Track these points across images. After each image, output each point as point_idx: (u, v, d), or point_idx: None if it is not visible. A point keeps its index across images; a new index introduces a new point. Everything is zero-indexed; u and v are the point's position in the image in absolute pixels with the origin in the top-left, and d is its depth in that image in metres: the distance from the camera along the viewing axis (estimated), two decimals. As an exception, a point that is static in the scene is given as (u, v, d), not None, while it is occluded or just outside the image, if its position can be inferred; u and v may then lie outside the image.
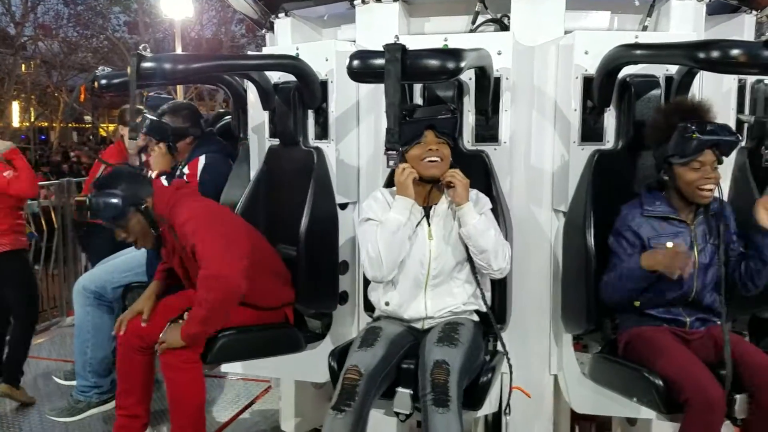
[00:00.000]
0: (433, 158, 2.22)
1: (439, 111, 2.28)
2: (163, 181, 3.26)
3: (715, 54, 1.95)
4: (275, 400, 3.42)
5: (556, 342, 2.59)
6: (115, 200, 2.48)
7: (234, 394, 3.68)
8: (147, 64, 2.26)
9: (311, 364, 2.61)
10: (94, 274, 3.44)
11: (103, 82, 2.74)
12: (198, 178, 3.14)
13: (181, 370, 2.40)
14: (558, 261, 2.56)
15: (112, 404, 3.40)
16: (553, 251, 2.60)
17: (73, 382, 3.50)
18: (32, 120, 23.05)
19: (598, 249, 2.33)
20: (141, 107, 3.48)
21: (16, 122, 22.26)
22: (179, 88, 14.94)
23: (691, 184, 2.18)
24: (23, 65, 20.63)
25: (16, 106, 21.94)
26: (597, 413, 2.60)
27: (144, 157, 3.59)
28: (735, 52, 1.94)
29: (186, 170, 3.21)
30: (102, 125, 23.34)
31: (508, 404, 2.30)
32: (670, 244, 2.17)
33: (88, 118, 22.95)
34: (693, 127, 2.15)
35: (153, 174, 3.30)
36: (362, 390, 2.00)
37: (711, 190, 2.18)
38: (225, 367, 2.71)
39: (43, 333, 4.90)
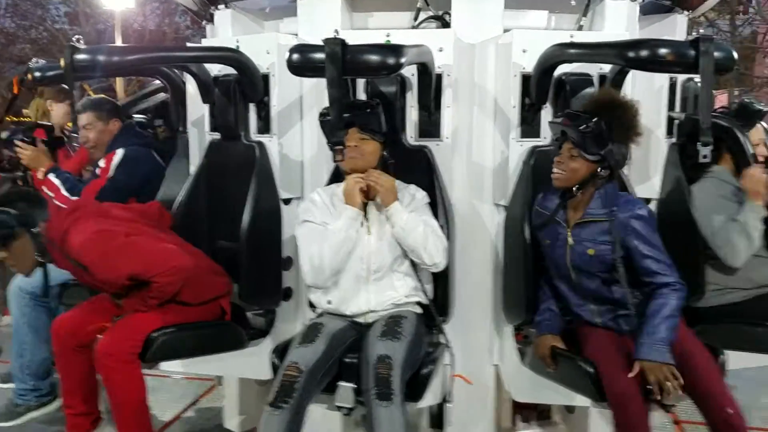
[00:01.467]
0: (351, 155, 2.24)
1: (359, 107, 2.27)
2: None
3: (644, 53, 2.02)
4: (220, 399, 3.37)
5: (498, 333, 2.64)
6: (5, 218, 2.44)
7: (178, 394, 3.61)
8: (81, 56, 2.20)
9: (254, 361, 2.58)
10: None
11: (37, 74, 2.64)
12: (111, 173, 3.05)
13: (116, 371, 2.35)
14: (499, 254, 2.61)
15: (51, 407, 3.30)
16: (494, 244, 2.65)
17: (11, 385, 3.36)
18: (-35, 113, 21.95)
19: (536, 242, 2.39)
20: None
21: (-53, 115, 21.16)
22: (119, 81, 14.49)
23: None
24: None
25: (-53, 98, 20.84)
26: (536, 402, 2.67)
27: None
28: (663, 51, 2.01)
29: (102, 163, 3.11)
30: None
31: (450, 392, 2.33)
32: None
33: (27, 111, 21.97)
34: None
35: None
36: (301, 386, 2.00)
37: (556, 174, 2.23)
38: (165, 366, 2.66)
39: (-23, 335, 4.70)
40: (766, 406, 3.65)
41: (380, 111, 2.30)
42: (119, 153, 3.10)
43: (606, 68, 2.50)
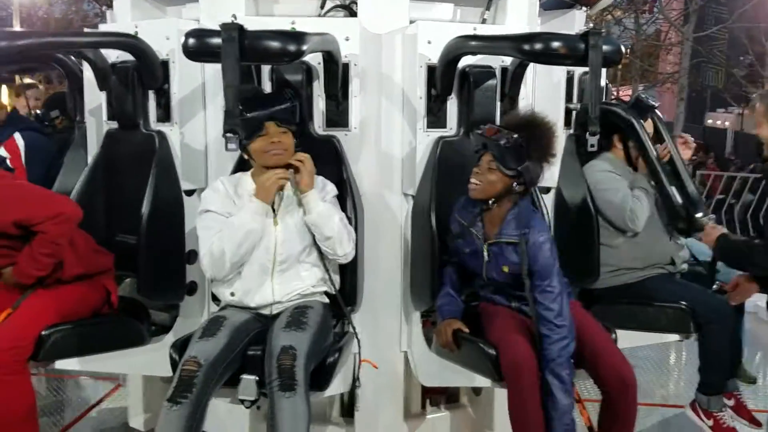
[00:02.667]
0: (276, 151, 2.20)
1: (278, 100, 2.21)
2: None
3: (538, 46, 2.10)
4: (125, 398, 3.26)
5: (407, 320, 2.68)
6: None
7: (84, 394, 3.48)
8: None
9: (157, 357, 2.48)
10: None
11: None
12: (23, 160, 2.91)
13: (1, 383, 2.18)
14: (408, 243, 2.65)
15: None
16: (403, 233, 2.68)
17: None
18: None
19: (441, 229, 2.44)
20: None
21: None
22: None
23: None
24: None
25: None
26: (443, 385, 2.73)
27: None
28: (555, 44, 2.10)
29: (4, 153, 2.94)
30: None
31: (357, 378, 2.34)
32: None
33: None
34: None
35: None
36: (201, 381, 1.96)
37: (473, 185, 2.27)
38: (61, 365, 2.52)
39: None
40: (664, 383, 3.91)
41: (296, 103, 2.25)
42: (18, 139, 2.96)
43: (507, 61, 2.58)
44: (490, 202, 2.27)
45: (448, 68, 2.46)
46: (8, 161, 2.96)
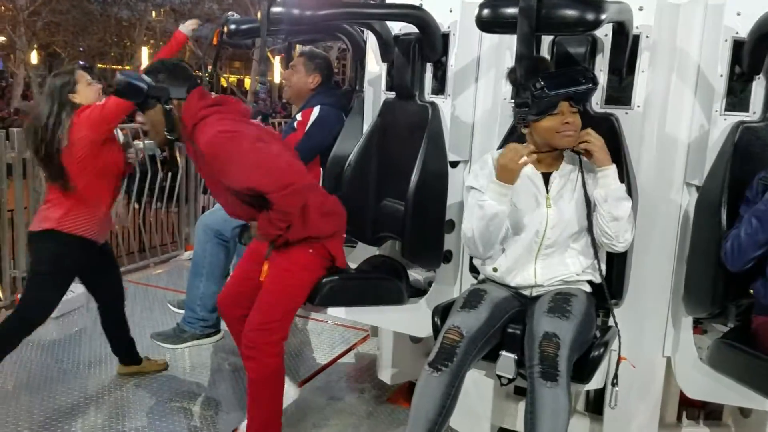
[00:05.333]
0: (568, 132, 2.11)
1: (576, 79, 2.09)
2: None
3: None
4: (372, 349, 3.50)
5: (674, 323, 2.42)
6: (139, 85, 2.38)
7: (332, 340, 3.80)
8: (276, 9, 2.29)
9: (412, 318, 2.62)
10: (216, 213, 3.61)
11: (233, 27, 2.82)
12: (306, 128, 3.21)
13: (261, 367, 2.39)
14: (685, 238, 2.38)
15: (214, 338, 3.57)
16: (679, 227, 2.42)
17: (183, 312, 3.65)
18: (160, 66, 24.37)
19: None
20: None
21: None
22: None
23: None
24: (153, 12, 21.79)
25: (145, 51, 23.31)
26: (711, 400, 2.43)
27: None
28: None
29: (299, 117, 3.27)
30: (224, 75, 24.30)
31: (615, 375, 2.19)
32: None
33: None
34: None
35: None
36: (462, 351, 1.98)
37: None
38: (331, 312, 2.79)
39: (162, 264, 5.31)
40: None
41: (596, 85, 2.15)
42: (316, 111, 3.24)
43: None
44: None
45: (760, 43, 2.12)
46: (296, 124, 3.29)
